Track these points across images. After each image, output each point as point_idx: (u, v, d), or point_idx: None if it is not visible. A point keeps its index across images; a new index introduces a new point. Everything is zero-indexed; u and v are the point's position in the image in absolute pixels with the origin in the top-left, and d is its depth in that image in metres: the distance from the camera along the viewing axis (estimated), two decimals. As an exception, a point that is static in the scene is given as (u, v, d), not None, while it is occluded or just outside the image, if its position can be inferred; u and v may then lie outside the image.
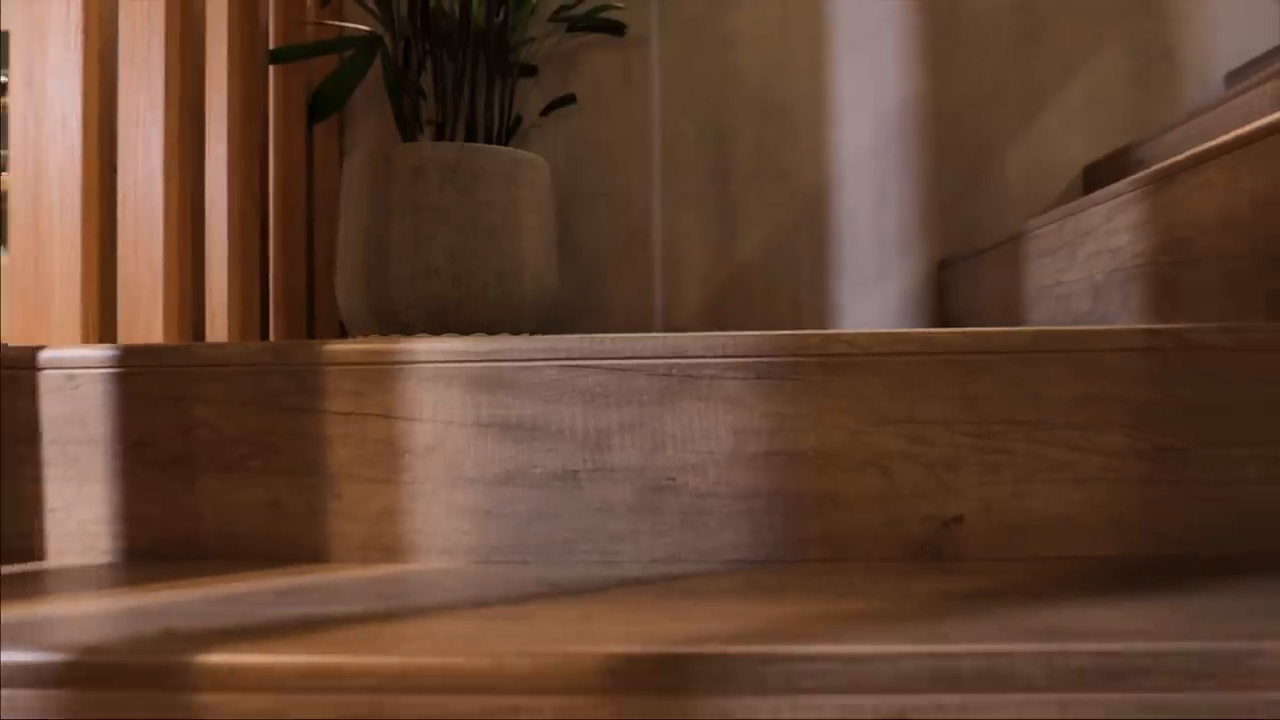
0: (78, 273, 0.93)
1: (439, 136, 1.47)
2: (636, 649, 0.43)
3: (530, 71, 1.61)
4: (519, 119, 1.56)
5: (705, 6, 1.64)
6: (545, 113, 1.60)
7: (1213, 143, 0.78)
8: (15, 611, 0.53)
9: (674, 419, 0.66)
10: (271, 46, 1.41)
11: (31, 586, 0.60)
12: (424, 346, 0.67)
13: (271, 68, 1.41)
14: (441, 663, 0.43)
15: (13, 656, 0.45)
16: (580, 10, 1.60)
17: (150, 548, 0.68)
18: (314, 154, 1.52)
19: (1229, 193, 0.76)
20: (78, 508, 0.69)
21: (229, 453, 0.68)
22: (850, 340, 0.66)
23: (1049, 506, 0.64)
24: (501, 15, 1.49)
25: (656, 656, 0.43)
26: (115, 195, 1.04)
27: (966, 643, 0.43)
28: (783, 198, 1.61)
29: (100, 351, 0.70)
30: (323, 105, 1.49)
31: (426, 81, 1.53)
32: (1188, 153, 0.82)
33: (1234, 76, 1.54)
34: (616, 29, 1.61)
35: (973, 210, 1.58)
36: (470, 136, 1.47)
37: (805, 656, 0.43)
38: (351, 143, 1.64)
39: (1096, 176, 1.53)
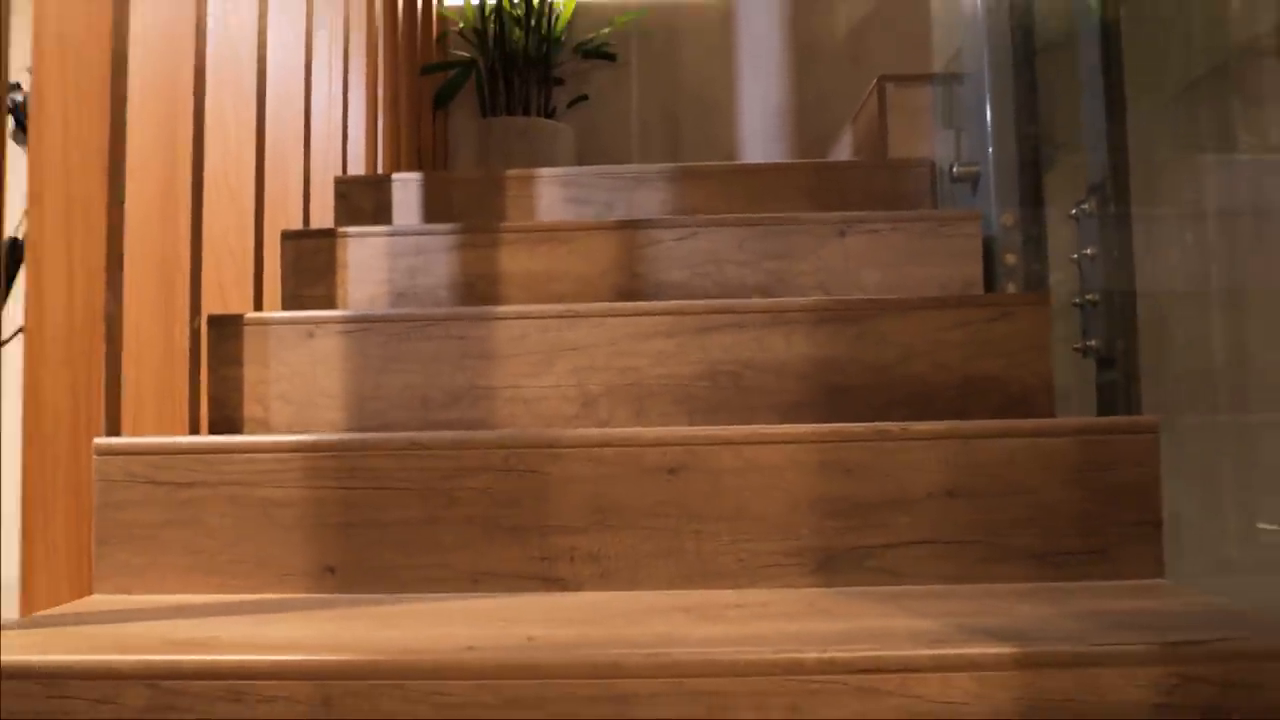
0: (364, 157, 1.99)
1: (509, 115, 2.55)
2: (624, 219, 1.50)
3: (560, 82, 2.69)
4: (554, 109, 2.65)
5: (665, 45, 2.74)
6: (570, 106, 2.69)
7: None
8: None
9: (639, 197, 1.73)
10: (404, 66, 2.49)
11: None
12: (544, 170, 1.74)
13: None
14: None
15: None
16: (590, 45, 2.69)
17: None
18: (436, 121, 2.60)
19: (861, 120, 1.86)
20: (410, 215, 1.75)
21: (469, 207, 1.75)
22: (707, 168, 1.74)
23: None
24: (545, 49, 2.58)
25: (624, 221, 1.49)
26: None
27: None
28: (710, 157, 2.70)
29: (414, 174, 1.77)
30: (443, 98, 2.57)
31: (500, 86, 2.61)
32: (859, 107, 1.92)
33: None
34: (611, 57, 2.70)
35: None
36: (526, 115, 2.55)
37: (692, 221, 1.49)
38: (454, 120, 2.71)
39: (891, 143, 2.63)
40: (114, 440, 1.01)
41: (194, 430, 1.21)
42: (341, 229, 1.51)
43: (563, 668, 0.72)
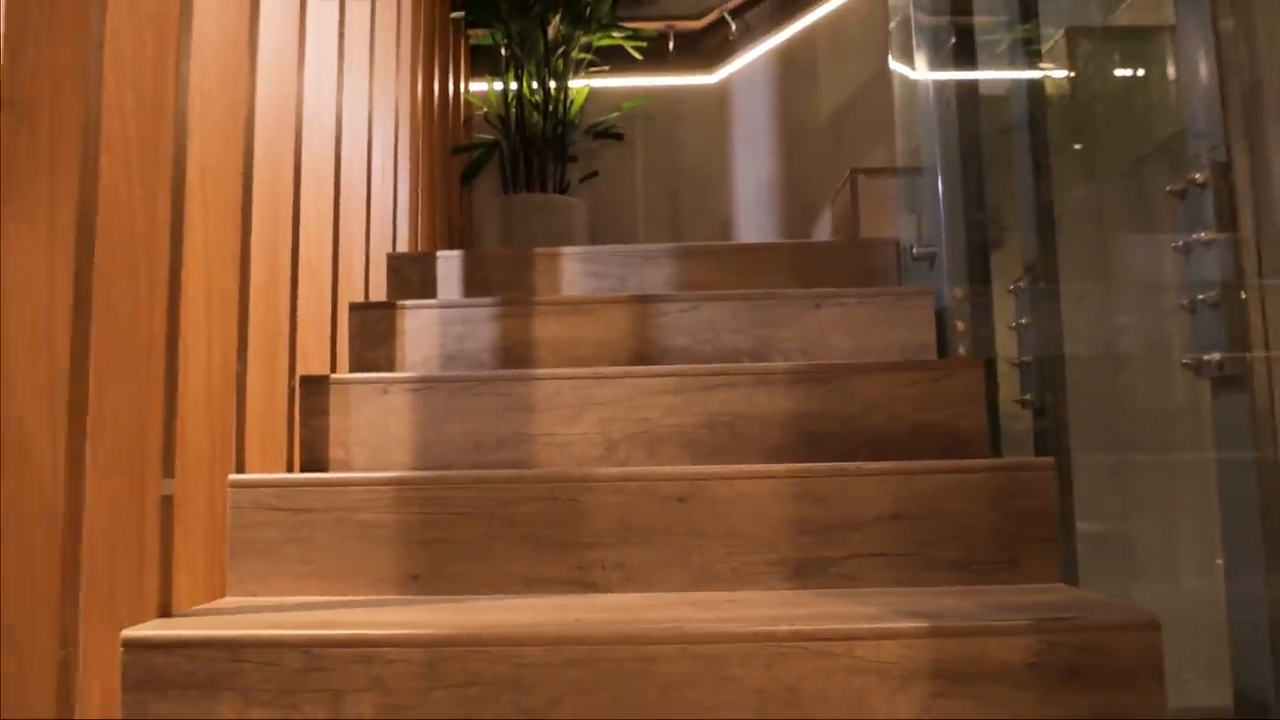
0: (408, 232, 2.29)
1: (528, 190, 2.87)
2: (635, 293, 1.79)
3: (573, 159, 3.01)
4: (568, 184, 2.96)
5: (667, 126, 3.07)
6: (582, 181, 3.00)
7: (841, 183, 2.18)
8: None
9: (647, 271, 2.03)
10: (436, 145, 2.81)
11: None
12: (566, 249, 2.05)
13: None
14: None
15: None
16: (600, 127, 3.01)
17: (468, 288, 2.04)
18: (462, 195, 2.92)
19: (838, 199, 2.17)
20: (451, 285, 2.05)
21: (503, 279, 2.04)
22: (706, 246, 2.04)
23: (773, 285, 2.01)
24: (560, 130, 2.91)
25: (637, 296, 1.79)
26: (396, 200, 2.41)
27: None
28: (707, 227, 3.01)
29: (455, 252, 2.07)
30: (469, 174, 2.89)
31: (520, 164, 2.93)
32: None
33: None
34: (619, 137, 3.02)
35: (806, 233, 2.99)
36: (543, 191, 2.87)
37: (694, 296, 1.79)
38: (477, 194, 3.03)
39: (870, 214, 2.94)
40: (244, 476, 1.30)
41: (289, 468, 1.50)
42: (400, 302, 1.80)
43: (605, 637, 1.00)
